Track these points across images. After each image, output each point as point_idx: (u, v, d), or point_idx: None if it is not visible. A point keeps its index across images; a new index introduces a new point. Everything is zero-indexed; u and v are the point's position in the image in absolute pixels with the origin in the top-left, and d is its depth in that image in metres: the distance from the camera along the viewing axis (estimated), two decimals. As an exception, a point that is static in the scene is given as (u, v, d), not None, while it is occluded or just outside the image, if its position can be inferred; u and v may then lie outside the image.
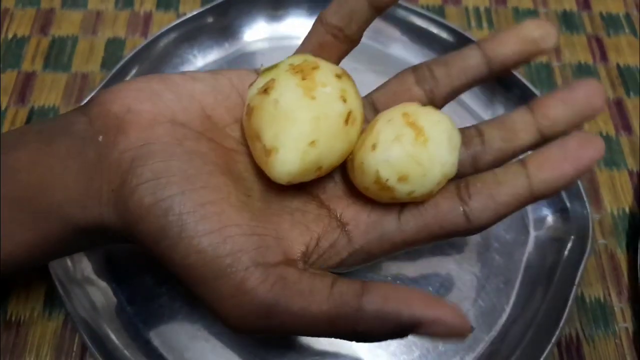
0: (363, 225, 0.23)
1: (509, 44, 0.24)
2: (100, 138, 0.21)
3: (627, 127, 0.37)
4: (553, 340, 0.27)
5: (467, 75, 0.24)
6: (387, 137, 0.22)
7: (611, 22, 0.41)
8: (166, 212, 0.20)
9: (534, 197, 0.22)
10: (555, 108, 0.23)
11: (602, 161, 0.35)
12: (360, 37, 0.24)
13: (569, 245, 0.31)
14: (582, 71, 0.39)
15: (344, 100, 0.22)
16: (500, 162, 0.24)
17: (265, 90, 0.22)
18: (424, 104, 0.24)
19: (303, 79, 0.21)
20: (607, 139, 0.36)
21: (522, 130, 0.23)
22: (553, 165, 0.21)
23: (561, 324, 0.27)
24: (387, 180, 0.22)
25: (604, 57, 0.40)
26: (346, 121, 0.22)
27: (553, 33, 0.23)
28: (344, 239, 0.23)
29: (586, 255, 0.29)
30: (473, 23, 0.40)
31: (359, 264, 0.24)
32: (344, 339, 0.21)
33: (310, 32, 0.24)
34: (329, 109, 0.21)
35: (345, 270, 0.24)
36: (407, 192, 0.22)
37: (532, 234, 0.32)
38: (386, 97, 0.25)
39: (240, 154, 0.23)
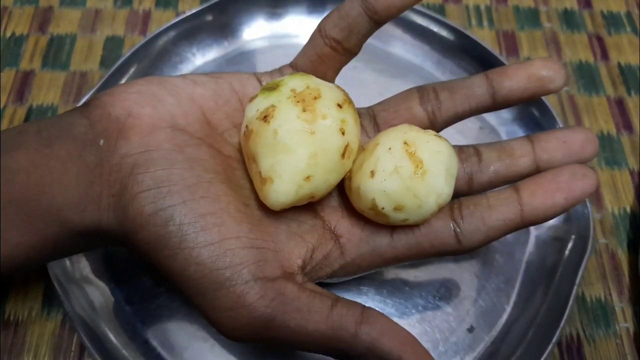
0: (356, 238, 0.23)
1: (515, 79, 0.24)
2: (101, 142, 0.21)
3: (628, 126, 0.37)
4: (554, 340, 0.27)
5: (471, 103, 0.25)
6: (386, 167, 0.22)
7: (612, 20, 0.41)
8: (166, 222, 0.19)
9: (525, 224, 0.23)
10: (555, 144, 0.24)
11: (603, 160, 0.35)
12: (359, 49, 0.24)
13: (570, 244, 0.31)
14: (583, 69, 0.39)
15: (343, 133, 0.22)
16: (495, 184, 0.24)
17: (265, 118, 0.21)
18: (425, 126, 0.24)
19: (304, 110, 0.21)
20: (608, 137, 0.36)
21: (521, 157, 0.24)
22: (545, 194, 0.22)
23: (562, 324, 0.27)
24: (383, 208, 0.22)
25: (605, 55, 0.40)
26: (343, 155, 0.22)
27: (561, 75, 0.24)
28: (337, 251, 0.23)
29: (587, 254, 0.29)
30: (473, 21, 0.40)
31: (349, 276, 0.24)
32: (335, 358, 0.21)
33: (309, 41, 0.24)
34: (328, 144, 0.21)
35: (336, 281, 0.24)
36: (402, 219, 0.22)
37: (533, 233, 0.32)
38: (387, 113, 0.25)
39: (238, 161, 0.23)
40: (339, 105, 0.22)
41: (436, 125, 0.25)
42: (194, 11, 0.36)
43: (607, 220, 0.33)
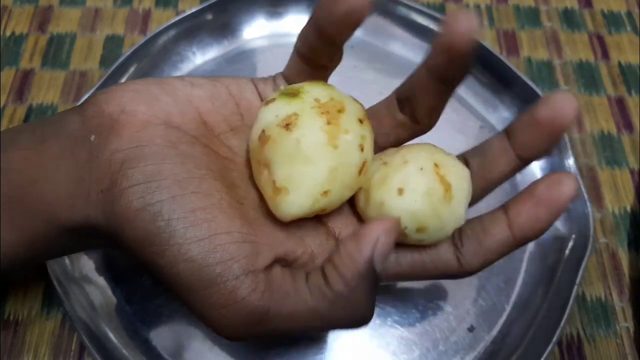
0: None
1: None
2: (93, 138, 0.20)
3: (629, 126, 0.37)
4: (554, 339, 0.27)
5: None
6: (418, 187, 0.21)
7: (612, 19, 0.41)
8: (154, 217, 0.19)
9: (518, 243, 0.22)
10: (531, 132, 0.22)
11: (603, 160, 0.35)
12: (336, 63, 0.24)
13: (570, 244, 0.31)
14: (584, 69, 0.39)
15: (362, 149, 0.21)
16: (485, 190, 0.24)
17: (287, 126, 0.21)
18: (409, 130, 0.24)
19: (328, 123, 0.21)
20: (608, 137, 0.36)
21: (501, 156, 0.23)
22: (529, 212, 0.21)
23: (562, 324, 0.27)
24: (406, 228, 0.22)
25: (605, 55, 0.39)
26: (360, 171, 0.22)
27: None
28: None
29: (587, 254, 0.29)
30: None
31: None
32: (335, 328, 0.21)
33: (291, 55, 0.24)
34: (348, 159, 0.21)
35: None
36: (418, 240, 0.22)
37: (533, 232, 0.32)
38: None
39: (234, 162, 0.23)
40: (360, 121, 0.22)
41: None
42: (193, 10, 0.36)
43: (607, 220, 0.33)
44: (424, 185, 0.21)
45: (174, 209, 0.19)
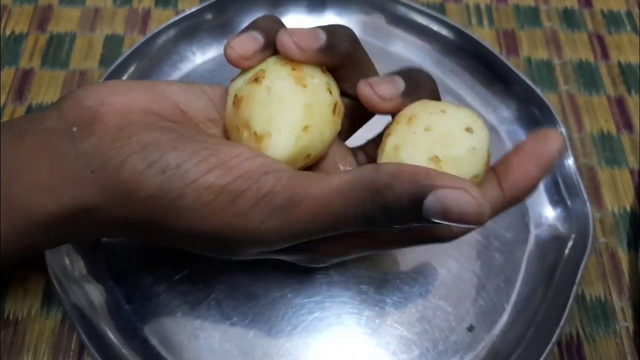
0: None
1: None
2: (75, 129, 0.21)
3: (628, 125, 0.37)
4: (553, 339, 0.27)
5: None
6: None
7: (612, 19, 0.41)
8: (164, 168, 0.20)
9: (509, 201, 0.22)
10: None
11: (603, 159, 0.35)
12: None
13: (570, 243, 0.31)
14: (583, 69, 0.39)
15: (330, 92, 0.23)
16: None
17: (256, 79, 0.22)
18: None
19: (293, 69, 0.22)
20: (608, 137, 0.36)
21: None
22: (517, 168, 0.21)
23: (561, 323, 0.27)
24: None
25: (605, 54, 0.39)
26: (334, 111, 0.23)
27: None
28: None
29: (587, 253, 0.29)
30: (474, 20, 0.40)
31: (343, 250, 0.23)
32: (360, 223, 0.20)
33: None
34: (319, 97, 0.22)
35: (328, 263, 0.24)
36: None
37: (533, 232, 0.32)
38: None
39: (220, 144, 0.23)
40: (323, 71, 0.23)
41: None
42: (193, 10, 0.36)
43: (607, 220, 0.33)
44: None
45: (179, 156, 0.20)
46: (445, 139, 0.21)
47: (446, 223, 0.18)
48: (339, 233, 0.21)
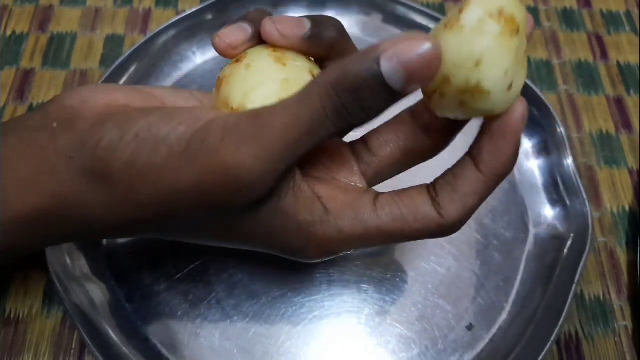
0: (339, 202, 0.22)
1: None
2: (55, 125, 0.21)
3: (628, 125, 0.37)
4: (552, 338, 0.27)
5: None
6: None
7: (612, 19, 0.41)
8: (136, 134, 0.20)
9: (491, 181, 0.22)
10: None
11: (602, 159, 0.35)
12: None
13: (569, 243, 0.31)
14: (582, 69, 0.39)
15: (313, 76, 0.22)
16: None
17: (238, 60, 0.22)
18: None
19: (275, 51, 0.22)
20: (607, 136, 0.36)
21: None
22: (487, 146, 0.21)
23: (560, 322, 0.27)
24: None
25: (604, 54, 0.40)
26: None
27: None
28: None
29: (586, 253, 0.29)
30: (473, 20, 0.40)
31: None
32: (334, 120, 0.19)
33: None
34: (299, 75, 0.22)
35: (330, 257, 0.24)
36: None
37: (532, 231, 0.32)
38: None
39: None
40: (308, 59, 0.23)
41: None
42: (194, 10, 0.36)
43: (606, 219, 0.33)
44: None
45: (150, 120, 0.20)
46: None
47: (417, 83, 0.18)
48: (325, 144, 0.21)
